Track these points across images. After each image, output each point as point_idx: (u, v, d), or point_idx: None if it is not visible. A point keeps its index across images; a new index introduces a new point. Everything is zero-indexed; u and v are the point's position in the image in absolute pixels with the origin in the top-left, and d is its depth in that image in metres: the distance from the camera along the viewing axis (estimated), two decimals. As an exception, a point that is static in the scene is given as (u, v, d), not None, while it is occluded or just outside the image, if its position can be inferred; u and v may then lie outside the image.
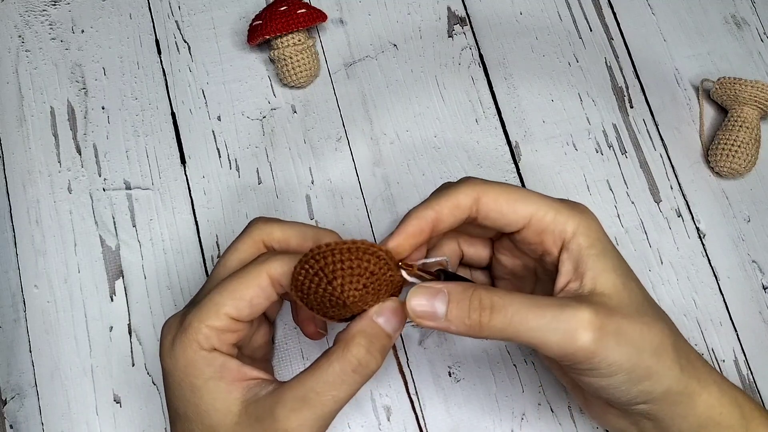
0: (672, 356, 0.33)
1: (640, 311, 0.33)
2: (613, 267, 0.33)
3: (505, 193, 0.34)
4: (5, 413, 0.43)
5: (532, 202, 0.34)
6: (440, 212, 0.33)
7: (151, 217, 0.47)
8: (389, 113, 0.49)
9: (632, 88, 0.50)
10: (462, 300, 0.31)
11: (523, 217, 0.34)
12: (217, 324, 0.34)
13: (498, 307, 0.31)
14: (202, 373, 0.34)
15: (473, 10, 0.51)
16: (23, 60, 0.50)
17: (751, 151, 0.46)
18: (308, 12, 0.47)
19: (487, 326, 0.31)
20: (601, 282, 0.32)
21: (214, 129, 0.48)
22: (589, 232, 0.33)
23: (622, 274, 0.33)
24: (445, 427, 0.43)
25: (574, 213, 0.34)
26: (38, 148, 0.48)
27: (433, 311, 0.31)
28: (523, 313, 0.31)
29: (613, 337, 0.31)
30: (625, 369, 0.32)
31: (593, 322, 0.31)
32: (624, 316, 0.32)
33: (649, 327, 0.32)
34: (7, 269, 0.46)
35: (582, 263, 0.33)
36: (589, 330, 0.30)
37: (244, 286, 0.34)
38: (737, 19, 0.51)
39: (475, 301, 0.31)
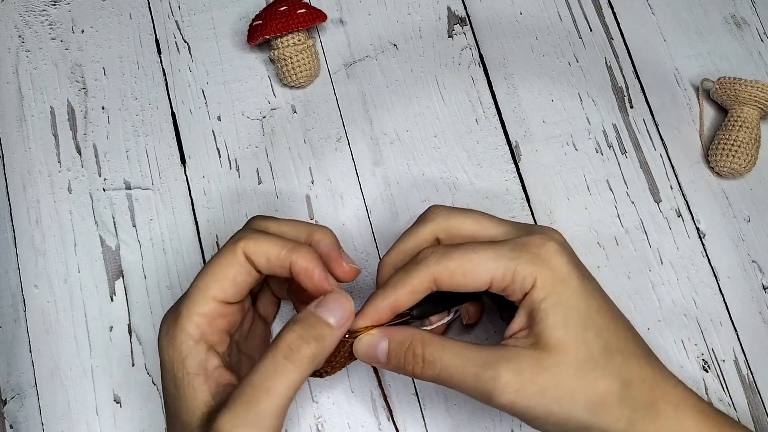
0: (617, 411, 0.32)
1: (585, 369, 0.32)
2: (564, 322, 0.33)
3: (462, 263, 0.34)
4: (5, 413, 0.43)
5: (490, 266, 0.34)
6: (398, 300, 0.35)
7: (151, 217, 0.47)
8: (389, 113, 0.49)
9: (632, 88, 0.50)
10: (399, 351, 0.34)
11: (484, 283, 0.34)
12: (206, 309, 0.34)
13: (428, 362, 0.33)
14: (184, 367, 0.34)
15: (473, 10, 0.51)
16: (23, 60, 0.50)
17: (751, 151, 0.46)
18: (308, 12, 0.47)
19: (420, 375, 0.34)
20: (547, 337, 0.33)
21: (214, 129, 0.48)
22: (546, 284, 0.33)
23: (574, 328, 0.33)
24: (445, 427, 0.43)
25: (533, 265, 0.33)
26: (38, 148, 0.48)
27: (375, 357, 0.34)
28: (450, 371, 0.33)
29: (534, 396, 0.32)
30: (553, 423, 0.32)
31: (511, 385, 0.32)
32: (558, 375, 0.32)
33: (589, 386, 0.32)
34: (7, 269, 0.46)
35: (534, 316, 0.33)
36: (506, 392, 0.32)
37: (225, 267, 0.35)
38: (737, 19, 0.51)
39: (409, 354, 0.34)
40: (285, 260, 0.35)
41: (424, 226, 0.37)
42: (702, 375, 0.44)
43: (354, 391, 0.44)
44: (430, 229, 0.37)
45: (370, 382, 0.44)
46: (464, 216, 0.37)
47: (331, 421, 0.43)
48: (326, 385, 0.44)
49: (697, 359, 0.44)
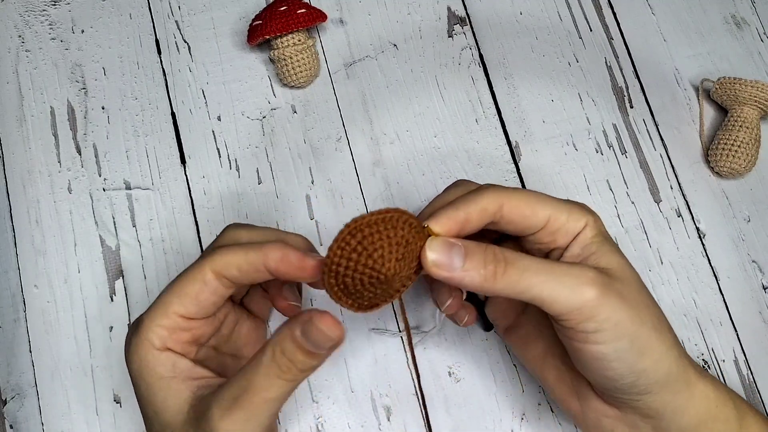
0: (671, 338, 0.34)
1: (642, 290, 0.35)
2: (616, 250, 0.35)
3: (525, 199, 0.35)
4: (5, 413, 0.43)
5: (549, 206, 0.35)
6: (470, 215, 0.34)
7: (151, 217, 0.47)
8: (389, 113, 0.49)
9: (632, 88, 0.50)
10: (477, 253, 0.32)
11: (542, 221, 0.35)
12: (166, 323, 0.34)
13: (511, 260, 0.32)
14: (155, 372, 0.34)
15: (473, 10, 0.51)
16: (23, 60, 0.50)
17: (751, 151, 0.46)
18: (308, 12, 0.47)
19: (501, 277, 0.32)
20: (606, 260, 0.34)
21: (214, 129, 0.49)
22: (595, 226, 0.35)
23: (623, 258, 0.35)
24: (445, 427, 0.43)
25: (583, 212, 0.36)
26: (38, 148, 0.48)
27: (449, 262, 0.32)
28: (534, 268, 0.32)
29: (617, 297, 0.32)
30: (629, 333, 0.32)
31: (598, 280, 0.32)
32: (628, 286, 0.34)
33: (648, 305, 0.34)
34: (7, 269, 0.46)
35: (587, 248, 0.35)
36: (595, 286, 0.32)
37: (189, 283, 0.34)
38: (737, 19, 0.51)
39: (490, 254, 0.32)
40: (257, 262, 0.33)
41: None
42: (702, 375, 0.44)
43: (354, 391, 0.44)
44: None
45: (371, 382, 0.44)
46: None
47: (331, 421, 0.43)
48: (326, 385, 0.44)
49: (697, 359, 0.44)
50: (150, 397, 0.34)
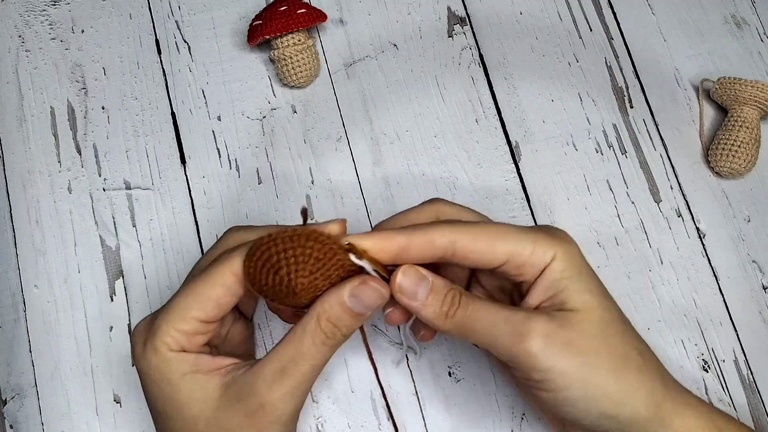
0: (636, 378, 0.33)
1: (608, 331, 0.33)
2: (587, 288, 0.34)
3: (482, 235, 0.34)
4: (5, 413, 0.43)
5: (510, 241, 0.34)
6: (411, 244, 0.33)
7: (151, 217, 0.47)
8: (389, 113, 0.49)
9: (632, 88, 0.50)
10: (441, 292, 0.34)
11: (502, 256, 0.34)
12: (185, 327, 0.34)
13: (464, 304, 0.33)
14: (178, 370, 0.34)
15: (473, 10, 0.51)
16: (23, 60, 0.50)
17: (751, 151, 0.46)
18: (308, 12, 0.47)
19: (450, 319, 0.34)
20: (573, 300, 0.33)
21: (214, 129, 0.49)
22: (565, 257, 0.34)
23: (597, 294, 0.34)
24: (445, 427, 0.43)
25: (552, 241, 0.34)
26: (38, 148, 0.48)
27: (414, 291, 0.34)
28: (480, 312, 0.33)
29: (562, 347, 0.32)
30: (576, 383, 0.32)
31: (542, 329, 0.32)
32: (583, 331, 0.32)
33: (610, 346, 0.33)
34: (7, 269, 0.46)
35: (554, 286, 0.33)
36: (536, 336, 0.32)
37: (210, 287, 0.34)
38: (737, 19, 0.51)
39: (449, 297, 0.34)
40: None
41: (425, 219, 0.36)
42: (702, 375, 0.44)
43: (354, 391, 0.44)
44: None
45: (370, 382, 0.44)
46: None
47: (331, 421, 0.43)
48: (326, 385, 0.44)
49: (697, 359, 0.44)
50: (173, 395, 0.34)
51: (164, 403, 0.34)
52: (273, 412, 0.33)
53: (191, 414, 0.34)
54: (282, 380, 0.33)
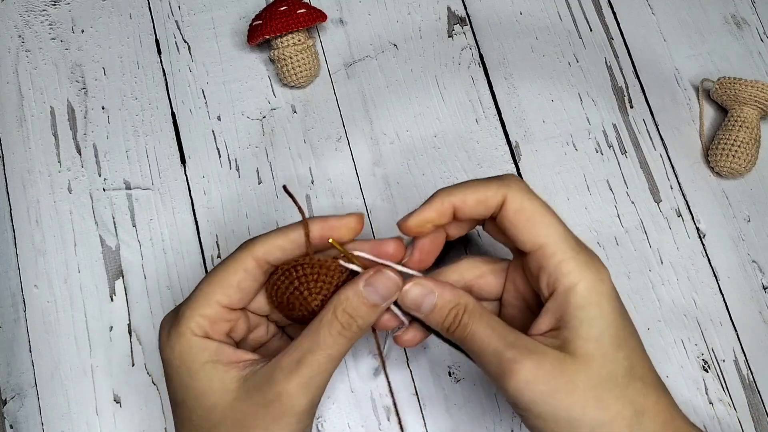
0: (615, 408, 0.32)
1: (604, 386, 0.32)
2: (598, 336, 0.32)
3: (531, 211, 0.34)
4: (5, 413, 0.43)
5: (551, 234, 0.33)
6: (465, 201, 0.35)
7: (151, 217, 0.47)
8: (389, 113, 0.49)
9: (632, 88, 0.50)
10: (445, 308, 0.35)
11: (532, 243, 0.34)
12: (208, 312, 0.35)
13: (462, 324, 0.34)
14: (198, 358, 0.34)
15: (473, 10, 0.51)
16: (23, 60, 0.50)
17: (751, 151, 0.46)
18: (308, 12, 0.47)
19: (451, 334, 0.35)
20: (576, 345, 0.32)
21: (214, 129, 0.49)
22: (589, 294, 0.32)
23: (606, 344, 0.32)
24: (445, 427, 0.43)
25: (584, 268, 0.33)
26: (38, 148, 0.48)
27: (419, 304, 0.35)
28: (476, 338, 0.34)
29: (543, 395, 0.31)
30: (554, 428, 0.32)
31: (525, 374, 0.32)
32: (573, 382, 0.31)
33: (600, 402, 0.31)
34: (7, 269, 0.46)
35: (568, 321, 0.33)
36: (517, 379, 0.31)
37: (231, 273, 0.35)
38: (737, 19, 0.51)
39: (451, 314, 0.34)
40: (299, 239, 0.36)
41: None
42: (702, 375, 0.44)
43: (354, 391, 0.44)
44: None
45: (370, 382, 0.44)
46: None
47: (331, 421, 0.43)
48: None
49: (697, 359, 0.44)
50: (192, 383, 0.34)
51: (184, 393, 0.35)
52: (289, 401, 0.33)
53: (208, 403, 0.34)
54: (299, 370, 0.33)
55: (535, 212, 0.34)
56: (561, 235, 0.33)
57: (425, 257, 0.38)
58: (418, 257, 0.37)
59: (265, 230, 0.46)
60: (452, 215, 0.36)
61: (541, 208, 0.34)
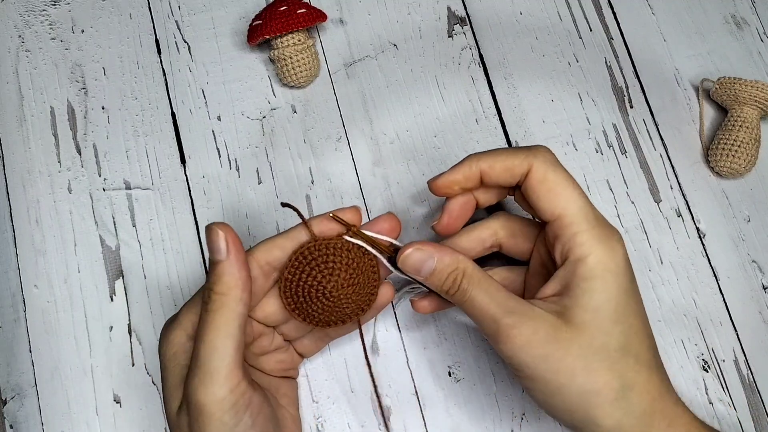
0: (607, 409, 0.32)
1: (594, 355, 0.32)
2: (596, 308, 0.33)
3: (554, 182, 0.35)
4: (5, 413, 0.43)
5: (570, 206, 0.34)
6: (492, 167, 0.36)
7: (151, 217, 0.47)
8: (389, 113, 0.49)
9: (632, 88, 0.50)
10: (444, 272, 0.35)
11: (551, 212, 0.35)
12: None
13: (462, 289, 0.35)
14: (175, 358, 0.35)
15: (473, 10, 0.51)
16: (23, 60, 0.50)
17: (751, 151, 0.46)
18: (308, 12, 0.47)
19: (450, 296, 0.36)
20: (573, 314, 0.33)
21: (214, 129, 0.48)
22: (596, 267, 0.33)
23: (604, 317, 0.33)
24: (445, 427, 0.43)
25: (596, 241, 0.34)
26: (38, 148, 0.48)
27: (419, 269, 0.36)
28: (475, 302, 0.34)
29: (536, 359, 0.32)
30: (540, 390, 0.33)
31: (520, 339, 0.33)
32: (564, 348, 0.32)
33: (589, 371, 0.32)
34: (7, 269, 0.46)
35: (572, 289, 0.33)
36: (512, 342, 0.33)
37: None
38: (737, 19, 0.51)
39: (450, 278, 0.35)
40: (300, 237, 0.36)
41: None
42: (702, 375, 0.44)
43: (354, 391, 0.44)
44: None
45: (370, 382, 0.44)
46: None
47: (331, 421, 0.43)
48: (326, 385, 0.44)
49: (697, 359, 0.44)
50: (164, 383, 0.35)
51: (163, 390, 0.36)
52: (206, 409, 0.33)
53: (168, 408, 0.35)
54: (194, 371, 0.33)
55: (557, 184, 0.35)
56: (580, 207, 0.34)
57: (453, 222, 0.39)
58: (446, 221, 0.39)
59: (265, 230, 0.46)
60: (479, 180, 0.37)
61: (564, 181, 0.35)
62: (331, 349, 0.44)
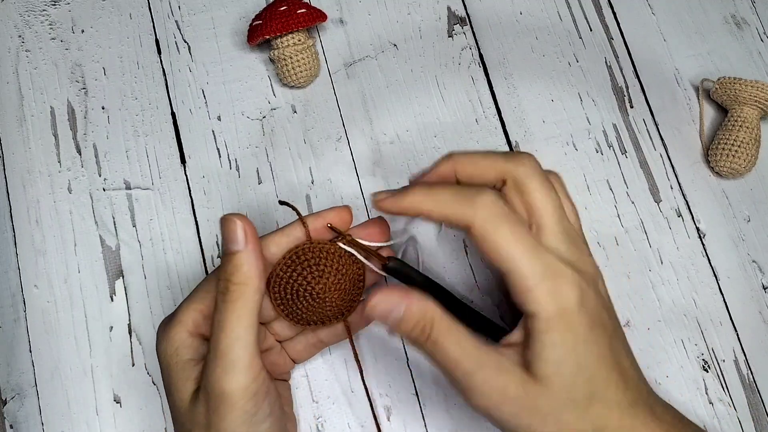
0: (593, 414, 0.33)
1: (563, 408, 0.32)
2: (558, 362, 0.32)
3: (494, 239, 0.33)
4: (5, 413, 0.43)
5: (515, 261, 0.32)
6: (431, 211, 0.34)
7: (151, 217, 0.47)
8: (389, 113, 0.49)
9: (632, 88, 0.50)
10: (411, 320, 0.33)
11: (499, 267, 0.33)
12: (203, 307, 0.36)
13: (431, 340, 0.33)
14: (177, 354, 0.35)
15: (473, 10, 0.51)
16: (23, 60, 0.50)
17: (751, 151, 0.46)
18: (308, 12, 0.47)
19: (420, 346, 0.34)
20: (537, 368, 0.32)
21: (214, 129, 0.49)
22: (550, 322, 0.32)
23: (566, 369, 0.32)
24: (445, 427, 0.43)
25: (546, 294, 0.32)
26: (38, 148, 0.48)
27: (387, 317, 0.34)
28: (445, 354, 0.33)
29: (510, 413, 0.32)
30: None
31: (493, 396, 0.32)
32: (533, 402, 0.32)
33: (561, 423, 0.32)
34: (7, 269, 0.46)
35: (532, 343, 0.33)
36: (486, 399, 0.32)
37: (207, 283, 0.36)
38: (737, 19, 0.51)
39: (418, 325, 0.33)
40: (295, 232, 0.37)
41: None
42: (702, 375, 0.44)
43: (354, 391, 0.44)
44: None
45: (370, 382, 0.44)
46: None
47: (331, 421, 0.43)
48: (326, 384, 0.44)
49: (697, 359, 0.44)
50: (169, 380, 0.35)
51: (167, 389, 0.36)
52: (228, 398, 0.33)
53: (175, 404, 0.35)
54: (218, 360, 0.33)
55: (501, 238, 0.33)
56: (527, 260, 0.32)
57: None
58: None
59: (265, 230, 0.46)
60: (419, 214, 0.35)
61: (509, 234, 0.33)
62: (331, 349, 0.44)
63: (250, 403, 0.33)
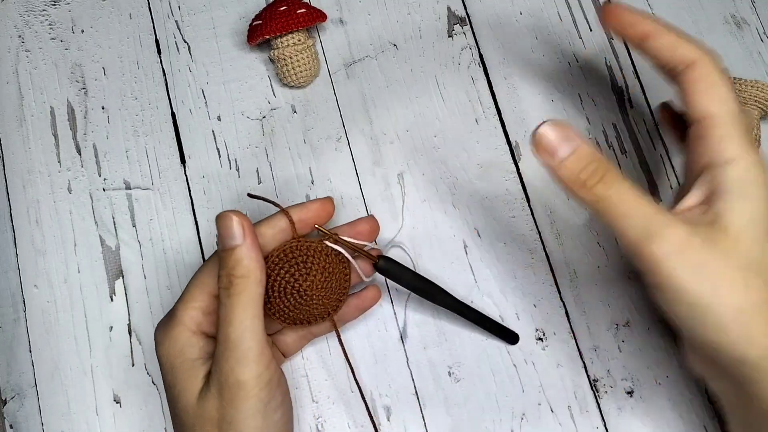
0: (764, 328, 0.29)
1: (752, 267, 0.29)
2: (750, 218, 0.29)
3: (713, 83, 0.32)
4: (5, 413, 0.43)
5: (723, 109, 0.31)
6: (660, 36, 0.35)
7: (151, 217, 0.47)
8: (389, 113, 0.49)
9: (632, 88, 0.50)
10: (585, 158, 0.31)
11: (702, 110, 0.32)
12: (201, 304, 0.36)
13: (606, 181, 0.30)
14: (182, 354, 0.35)
15: (473, 10, 0.51)
16: (23, 60, 0.50)
17: (751, 151, 0.46)
18: (308, 12, 0.47)
19: (588, 190, 0.31)
20: (728, 220, 0.30)
21: (214, 129, 0.49)
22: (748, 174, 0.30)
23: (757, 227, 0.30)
24: (445, 427, 0.43)
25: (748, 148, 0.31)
26: (38, 148, 0.48)
27: (555, 148, 0.31)
28: (621, 197, 0.30)
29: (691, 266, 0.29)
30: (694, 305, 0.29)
31: (677, 239, 0.29)
32: (723, 256, 0.29)
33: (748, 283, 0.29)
34: (7, 269, 0.46)
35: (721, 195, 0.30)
36: (668, 243, 0.29)
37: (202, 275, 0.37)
38: (737, 19, 0.51)
39: (592, 165, 0.31)
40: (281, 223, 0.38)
41: None
42: (702, 375, 0.44)
43: (354, 391, 0.44)
44: None
45: (370, 382, 0.44)
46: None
47: (331, 421, 0.43)
48: (326, 385, 0.44)
49: (697, 359, 0.44)
50: (173, 381, 0.35)
51: (169, 390, 0.36)
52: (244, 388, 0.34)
53: (182, 404, 0.35)
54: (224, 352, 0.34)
55: (716, 85, 0.32)
56: (733, 112, 0.32)
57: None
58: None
59: (265, 230, 0.46)
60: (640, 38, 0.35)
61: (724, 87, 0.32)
62: (331, 350, 0.44)
63: (264, 391, 0.34)
